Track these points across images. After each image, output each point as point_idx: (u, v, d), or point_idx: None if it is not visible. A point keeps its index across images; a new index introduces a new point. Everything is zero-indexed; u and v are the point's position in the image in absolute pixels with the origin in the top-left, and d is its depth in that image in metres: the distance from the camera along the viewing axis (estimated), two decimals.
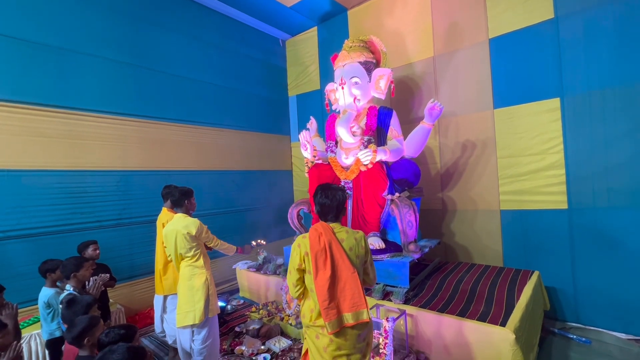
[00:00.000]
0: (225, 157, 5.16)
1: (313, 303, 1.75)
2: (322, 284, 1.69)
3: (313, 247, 1.74)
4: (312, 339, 1.77)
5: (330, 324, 1.65)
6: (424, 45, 4.48)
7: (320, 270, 1.71)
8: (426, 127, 3.55)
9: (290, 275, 1.83)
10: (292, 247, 1.83)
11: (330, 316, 1.66)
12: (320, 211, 1.86)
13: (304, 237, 1.82)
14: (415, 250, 3.32)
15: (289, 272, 1.85)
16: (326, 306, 1.66)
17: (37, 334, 2.77)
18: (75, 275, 2.37)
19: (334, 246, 1.75)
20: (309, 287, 1.78)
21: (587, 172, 3.36)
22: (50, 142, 3.37)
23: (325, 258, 1.72)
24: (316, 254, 1.72)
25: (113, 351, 1.30)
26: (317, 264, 1.72)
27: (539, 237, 3.67)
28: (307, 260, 1.75)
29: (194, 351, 2.57)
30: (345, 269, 1.73)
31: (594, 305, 3.35)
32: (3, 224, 3.05)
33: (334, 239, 1.77)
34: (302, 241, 1.80)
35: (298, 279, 1.81)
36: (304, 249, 1.77)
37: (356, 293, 1.71)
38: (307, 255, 1.75)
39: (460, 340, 2.53)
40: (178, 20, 4.59)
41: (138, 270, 4.02)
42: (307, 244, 1.77)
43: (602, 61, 3.25)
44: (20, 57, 3.21)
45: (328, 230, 1.78)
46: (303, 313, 1.83)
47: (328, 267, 1.71)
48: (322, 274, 1.70)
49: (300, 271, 1.80)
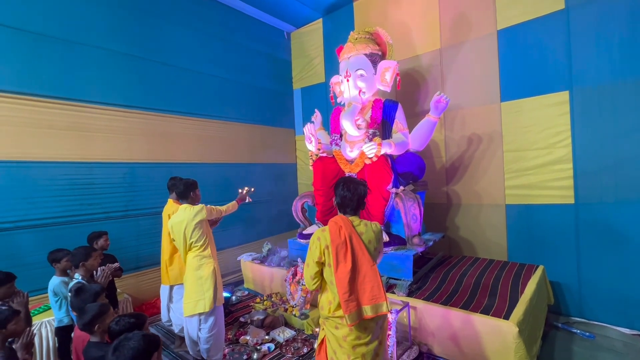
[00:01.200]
0: (230, 150, 5.17)
1: (332, 295, 1.76)
2: (342, 276, 1.70)
3: (334, 240, 1.74)
4: (331, 329, 1.79)
5: (350, 316, 1.66)
6: (431, 37, 4.42)
7: (340, 263, 1.72)
8: (432, 120, 3.52)
9: (309, 268, 1.84)
10: (311, 240, 1.83)
11: (351, 308, 1.67)
12: (341, 203, 1.86)
13: (323, 230, 1.81)
14: (419, 244, 3.32)
15: (306, 264, 1.86)
16: (346, 298, 1.67)
17: (47, 321, 2.84)
18: (83, 264, 2.41)
19: (354, 239, 1.76)
20: (328, 280, 1.78)
21: (595, 167, 3.32)
22: (58, 133, 3.41)
23: (346, 251, 1.73)
24: (337, 247, 1.73)
25: (129, 338, 1.33)
26: (338, 257, 1.72)
27: (545, 231, 3.64)
28: (328, 253, 1.75)
29: (201, 339, 2.62)
30: (365, 261, 1.74)
31: (598, 300, 3.34)
32: (13, 215, 3.11)
33: (354, 232, 1.77)
34: (321, 234, 1.79)
35: (317, 272, 1.81)
36: (324, 242, 1.76)
37: (375, 286, 1.73)
38: (328, 248, 1.75)
39: (463, 332, 2.55)
40: (183, 12, 4.57)
41: (144, 261, 4.07)
42: (327, 237, 1.76)
43: (614, 53, 3.18)
44: (28, 49, 3.22)
45: (348, 224, 1.79)
46: (321, 305, 1.84)
47: (349, 260, 1.72)
48: (342, 267, 1.71)
49: (319, 264, 1.80)
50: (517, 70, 3.75)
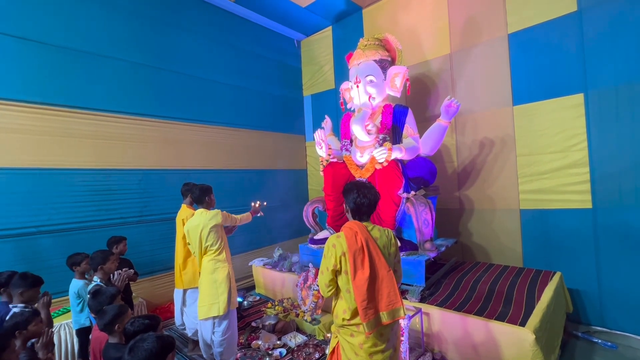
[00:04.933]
0: (241, 157, 5.25)
1: (347, 304, 1.71)
2: (360, 284, 1.66)
3: (351, 246, 1.69)
4: (346, 337, 1.74)
5: (368, 325, 1.63)
6: (441, 42, 4.42)
7: (358, 270, 1.68)
8: (442, 125, 3.51)
9: (323, 276, 1.78)
10: (326, 247, 1.77)
11: (369, 316, 1.63)
12: (356, 210, 1.80)
13: (337, 236, 1.76)
14: (431, 249, 3.28)
15: (320, 272, 1.80)
16: (365, 306, 1.64)
17: (66, 323, 2.92)
18: (102, 267, 2.49)
19: (371, 245, 1.72)
20: (344, 288, 1.73)
21: (613, 170, 3.23)
22: (78, 142, 3.54)
23: (364, 257, 1.69)
24: (354, 253, 1.68)
25: (144, 339, 1.36)
26: (356, 264, 1.68)
27: (561, 237, 3.55)
28: (344, 260, 1.70)
29: (214, 343, 2.65)
30: (381, 267, 1.70)
31: (620, 308, 3.22)
32: (36, 219, 3.23)
33: (369, 237, 1.74)
34: (336, 241, 1.73)
35: (331, 279, 1.76)
36: (340, 249, 1.71)
37: (392, 291, 1.69)
38: (345, 255, 1.69)
39: (477, 339, 2.49)
40: (196, 23, 4.72)
41: (158, 266, 4.15)
42: (343, 244, 1.71)
43: (630, 54, 3.11)
44: (49, 61, 3.37)
45: (363, 229, 1.75)
46: (336, 313, 1.79)
47: (366, 267, 1.67)
48: (360, 274, 1.67)
49: (334, 272, 1.75)
50: (530, 73, 3.71)
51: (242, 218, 3.05)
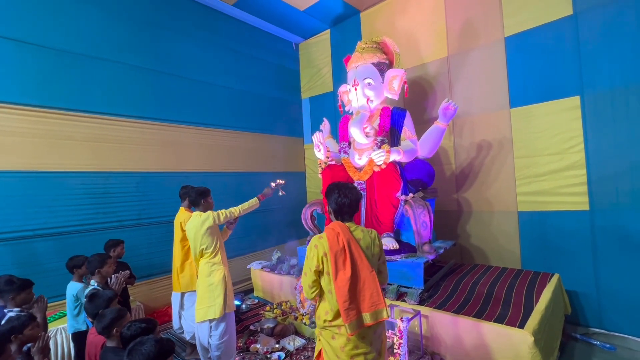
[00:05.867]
0: (240, 159, 5.25)
1: (329, 305, 1.71)
2: (342, 284, 1.65)
3: (332, 247, 1.69)
4: (327, 340, 1.73)
5: (350, 326, 1.61)
6: (438, 45, 4.45)
7: (340, 270, 1.67)
8: (440, 127, 3.52)
9: (306, 277, 1.78)
10: (308, 248, 1.78)
11: (351, 317, 1.62)
12: (338, 210, 1.81)
13: (320, 237, 1.77)
14: (429, 251, 3.28)
15: (304, 273, 1.79)
16: (347, 307, 1.63)
17: (62, 328, 2.90)
18: (99, 271, 2.48)
19: (353, 245, 1.72)
20: (326, 289, 1.73)
21: (610, 172, 3.25)
22: (76, 145, 3.53)
23: (345, 258, 1.69)
24: (335, 254, 1.68)
25: (143, 343, 1.35)
26: (337, 265, 1.68)
27: (559, 239, 3.56)
28: (326, 261, 1.70)
29: (212, 346, 2.63)
30: (363, 268, 1.70)
31: (618, 309, 3.22)
32: (33, 223, 3.22)
33: (352, 238, 1.73)
34: (318, 242, 1.74)
35: (314, 280, 1.76)
36: (322, 250, 1.71)
37: (375, 292, 1.69)
38: (326, 255, 1.70)
39: (476, 342, 2.49)
40: (195, 26, 4.73)
41: (156, 269, 4.13)
42: (325, 245, 1.71)
43: (625, 57, 3.14)
44: (47, 64, 3.37)
45: (345, 230, 1.75)
46: (318, 315, 1.78)
47: (348, 267, 1.67)
48: (342, 275, 1.67)
49: (317, 273, 1.74)
50: (526, 76, 3.73)
51: (242, 208, 2.89)
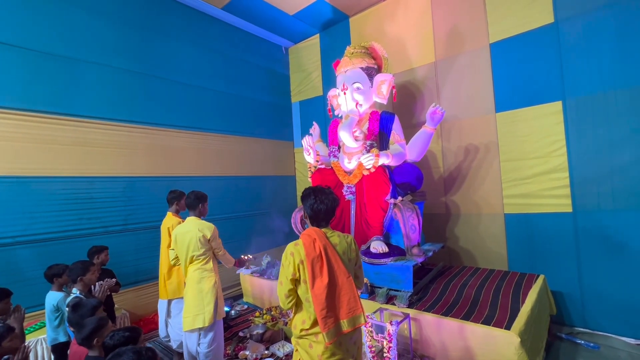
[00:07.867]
0: (230, 163, 5.21)
1: (306, 314, 1.68)
2: (319, 292, 1.62)
3: (309, 254, 1.65)
4: (305, 348, 1.70)
5: (328, 334, 1.58)
6: (425, 51, 4.53)
7: (317, 278, 1.63)
8: (428, 131, 3.57)
9: (282, 286, 1.72)
10: (284, 255, 1.73)
11: (329, 325, 1.59)
12: (314, 216, 1.77)
13: (295, 244, 1.72)
14: (418, 254, 3.31)
15: (279, 283, 1.73)
16: (324, 315, 1.59)
17: (42, 338, 2.79)
18: (81, 279, 2.40)
19: (329, 251, 1.69)
20: (303, 297, 1.68)
21: (592, 175, 3.34)
22: (59, 149, 3.44)
23: (322, 264, 1.65)
24: (312, 260, 1.64)
25: (120, 354, 1.30)
26: (314, 271, 1.63)
27: (544, 240, 3.64)
28: (303, 268, 1.66)
29: (200, 355, 2.58)
30: (340, 274, 1.68)
31: (601, 309, 3.30)
32: (12, 230, 3.11)
33: (328, 243, 1.71)
34: (294, 249, 1.70)
35: (290, 289, 1.71)
36: (298, 257, 1.67)
37: (352, 298, 1.67)
38: (303, 263, 1.66)
39: (464, 343, 2.51)
40: (184, 29, 4.69)
41: (143, 276, 4.04)
42: (301, 252, 1.67)
43: (604, 64, 3.25)
44: (31, 66, 3.29)
45: (322, 235, 1.72)
46: (294, 324, 1.75)
47: (325, 274, 1.64)
48: (319, 282, 1.63)
49: (293, 281, 1.69)
50: (511, 81, 3.82)
51: (226, 257, 2.85)
